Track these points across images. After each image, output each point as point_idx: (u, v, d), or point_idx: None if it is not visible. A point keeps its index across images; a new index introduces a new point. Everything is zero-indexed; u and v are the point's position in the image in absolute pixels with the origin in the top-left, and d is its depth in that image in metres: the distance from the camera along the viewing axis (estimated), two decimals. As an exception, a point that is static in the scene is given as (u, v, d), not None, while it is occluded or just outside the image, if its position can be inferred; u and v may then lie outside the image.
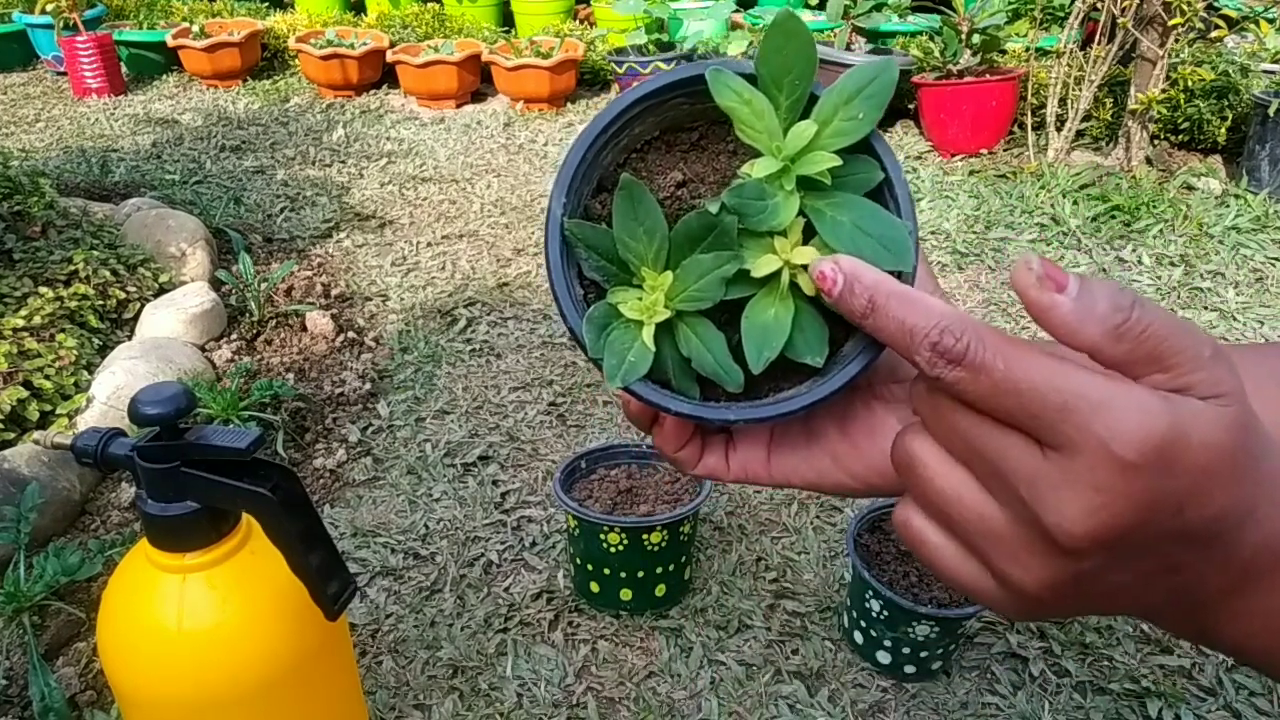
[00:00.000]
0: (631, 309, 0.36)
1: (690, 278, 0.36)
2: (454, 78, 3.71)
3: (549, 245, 0.37)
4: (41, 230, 2.05)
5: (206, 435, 0.72)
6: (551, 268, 0.37)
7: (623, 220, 0.36)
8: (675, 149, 0.40)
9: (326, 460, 1.71)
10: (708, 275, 0.35)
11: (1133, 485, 0.29)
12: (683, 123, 0.40)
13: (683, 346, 0.37)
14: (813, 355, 0.36)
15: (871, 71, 0.36)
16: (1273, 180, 2.72)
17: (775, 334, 0.36)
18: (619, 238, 0.37)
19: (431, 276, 2.41)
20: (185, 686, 0.77)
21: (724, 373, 0.37)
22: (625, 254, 0.37)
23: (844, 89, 0.36)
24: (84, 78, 3.87)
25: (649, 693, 1.26)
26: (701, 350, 0.37)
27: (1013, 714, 1.22)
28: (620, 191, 0.36)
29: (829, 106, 0.36)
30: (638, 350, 0.36)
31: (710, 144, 0.40)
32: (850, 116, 0.36)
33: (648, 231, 0.36)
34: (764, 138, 0.36)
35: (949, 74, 3.10)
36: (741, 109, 0.36)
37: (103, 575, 1.38)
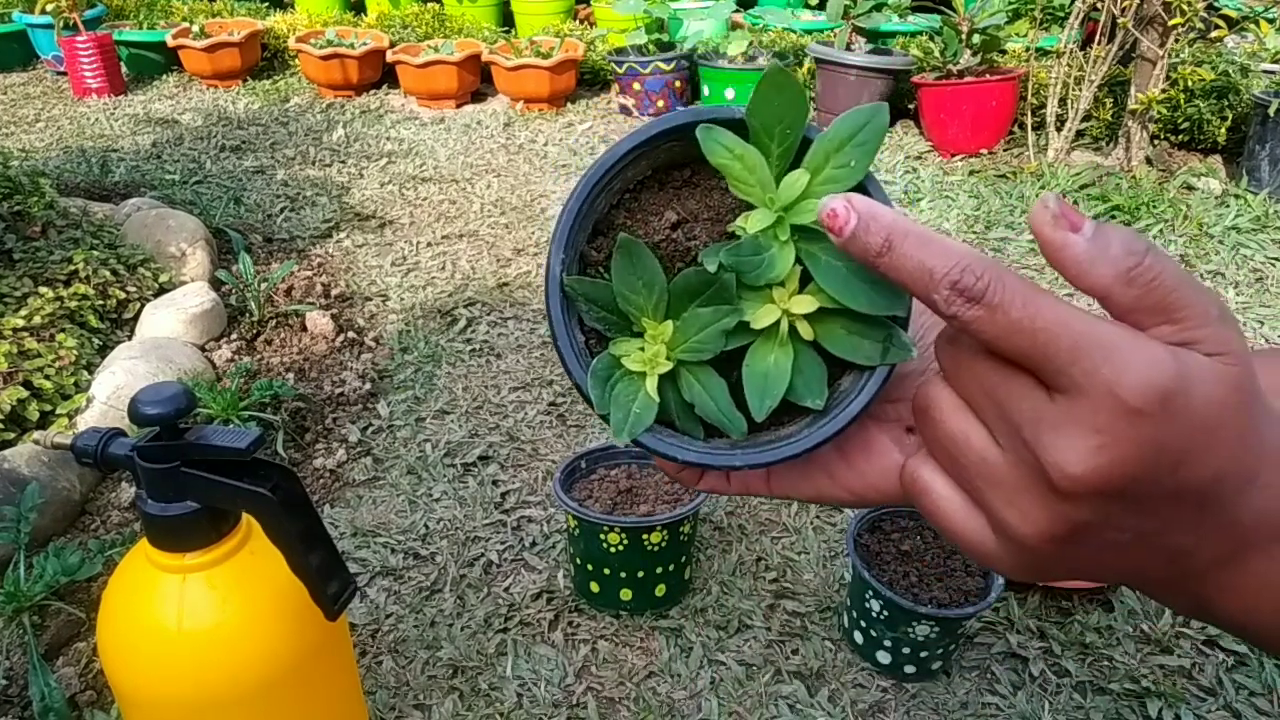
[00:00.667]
0: (634, 361, 0.37)
1: (691, 330, 0.37)
2: (454, 78, 3.71)
3: (550, 301, 0.38)
4: (41, 230, 2.05)
5: (206, 435, 0.72)
6: (554, 323, 0.38)
7: (622, 275, 0.37)
8: (668, 186, 0.41)
9: (326, 460, 1.71)
10: (708, 328, 0.36)
11: (1134, 431, 0.29)
12: (675, 161, 0.40)
13: (685, 393, 0.38)
14: (813, 398, 0.37)
15: (862, 118, 0.36)
16: (1273, 180, 2.72)
17: (776, 381, 0.37)
18: (619, 291, 0.37)
19: (431, 276, 2.41)
20: (185, 686, 0.77)
21: (727, 421, 0.38)
22: (625, 306, 0.38)
23: (835, 136, 0.36)
24: (84, 78, 3.87)
25: (649, 693, 1.26)
26: (705, 398, 0.38)
27: (1013, 714, 1.22)
28: (619, 250, 0.37)
29: (820, 154, 0.36)
30: (642, 401, 0.37)
31: (702, 180, 0.41)
32: (842, 164, 0.36)
33: (646, 285, 0.37)
34: (757, 190, 0.36)
35: (949, 74, 3.10)
36: (733, 165, 0.36)
37: (103, 575, 1.38)
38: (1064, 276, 0.31)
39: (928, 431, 0.35)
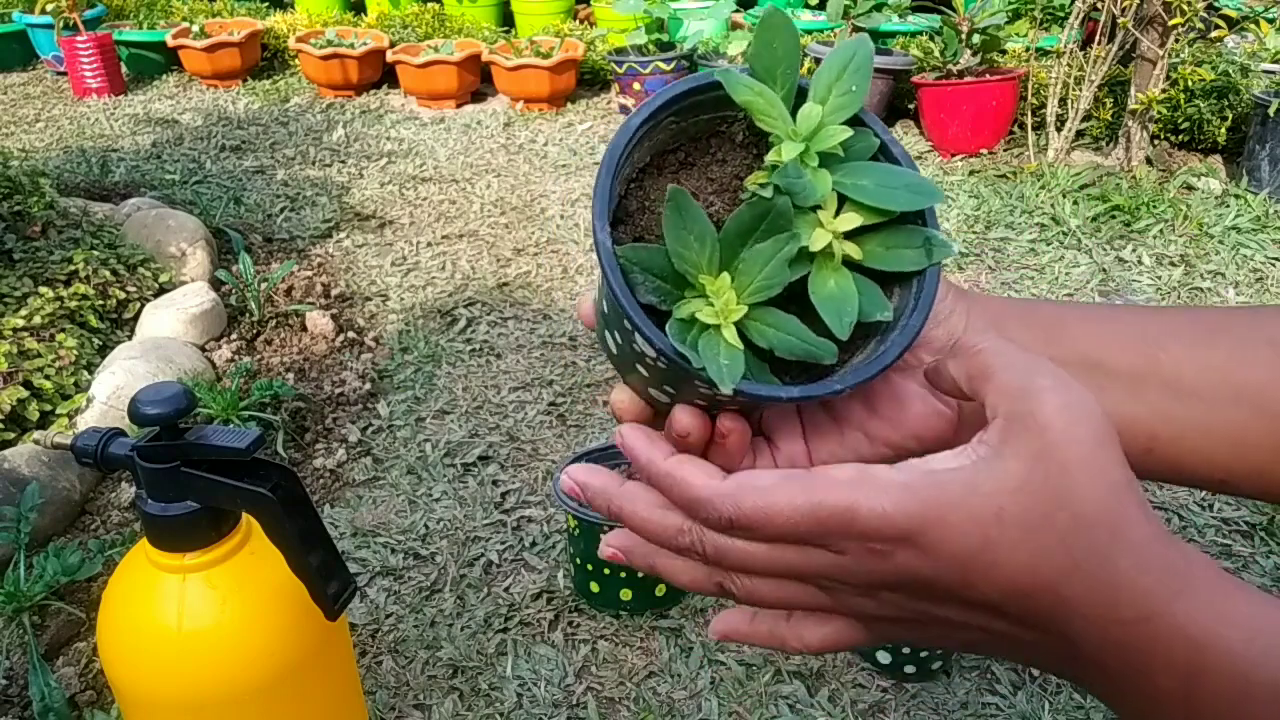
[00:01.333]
0: (708, 315, 0.37)
1: (754, 269, 0.37)
2: (454, 78, 3.71)
3: (610, 278, 0.37)
4: (41, 230, 2.05)
5: (206, 435, 0.72)
6: (621, 298, 0.37)
7: (675, 232, 0.37)
8: (665, 171, 0.41)
9: (326, 460, 1.71)
10: (771, 261, 0.36)
11: (889, 570, 0.34)
12: (667, 145, 0.41)
13: (760, 339, 0.37)
14: (881, 311, 0.38)
15: (850, 49, 0.39)
16: (1273, 180, 2.72)
17: (847, 298, 0.37)
18: (673, 251, 0.37)
19: (431, 276, 2.41)
20: (185, 686, 0.77)
21: (816, 349, 0.37)
22: (681, 266, 0.37)
23: (831, 68, 0.39)
24: (84, 78, 3.87)
25: (649, 693, 1.26)
26: (784, 337, 0.37)
27: (1013, 714, 1.22)
28: (669, 204, 0.37)
29: (823, 87, 0.39)
30: (727, 352, 0.36)
31: (697, 159, 0.41)
32: (845, 91, 0.38)
33: (698, 238, 0.37)
34: (780, 124, 0.38)
35: (949, 74, 3.10)
36: (757, 100, 0.38)
37: (103, 575, 1.38)
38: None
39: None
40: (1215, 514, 1.56)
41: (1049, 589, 0.32)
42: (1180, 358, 0.42)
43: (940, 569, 0.33)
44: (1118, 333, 0.43)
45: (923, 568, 0.33)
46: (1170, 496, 1.60)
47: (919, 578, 0.33)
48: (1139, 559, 0.32)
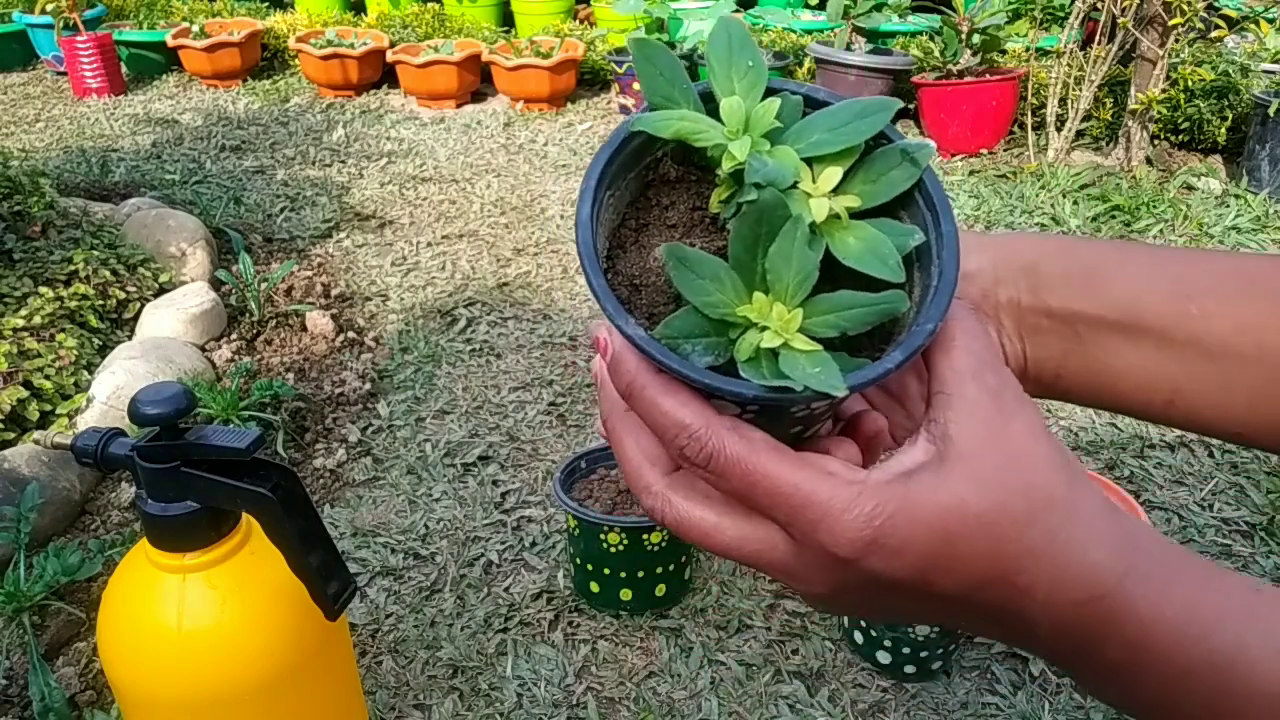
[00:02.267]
0: (770, 339, 0.34)
1: (783, 271, 0.34)
2: (454, 78, 3.71)
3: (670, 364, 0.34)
4: (41, 230, 2.05)
5: (206, 435, 0.72)
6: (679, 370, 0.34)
7: (690, 286, 0.35)
8: (628, 246, 0.39)
9: (326, 460, 1.71)
10: (794, 254, 0.34)
11: (850, 572, 0.33)
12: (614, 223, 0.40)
13: (829, 330, 0.35)
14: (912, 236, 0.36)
15: (720, 35, 0.38)
16: (1273, 180, 2.72)
17: (879, 242, 0.35)
18: (700, 304, 0.35)
19: (431, 276, 2.41)
20: (185, 686, 0.77)
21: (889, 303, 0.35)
22: (716, 313, 0.35)
23: (718, 59, 0.38)
24: (84, 78, 3.86)
25: (649, 693, 1.26)
26: (851, 311, 0.35)
27: (1013, 714, 1.22)
28: (670, 264, 0.35)
29: (723, 79, 0.38)
30: (811, 361, 0.33)
31: (648, 218, 0.40)
32: (745, 71, 0.38)
33: (713, 278, 0.35)
34: (714, 133, 0.37)
35: (949, 74, 3.10)
36: (684, 124, 0.37)
37: (103, 575, 1.38)
38: None
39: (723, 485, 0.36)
40: (1215, 514, 1.56)
41: (1006, 578, 0.33)
42: (1212, 312, 0.42)
43: (903, 571, 0.33)
44: (1155, 285, 0.43)
45: (885, 571, 0.33)
46: (1170, 497, 1.60)
47: (880, 580, 0.33)
48: (1089, 536, 0.33)
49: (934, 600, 0.34)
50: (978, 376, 0.34)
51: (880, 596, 0.35)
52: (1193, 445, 1.73)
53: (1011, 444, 0.33)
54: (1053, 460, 0.33)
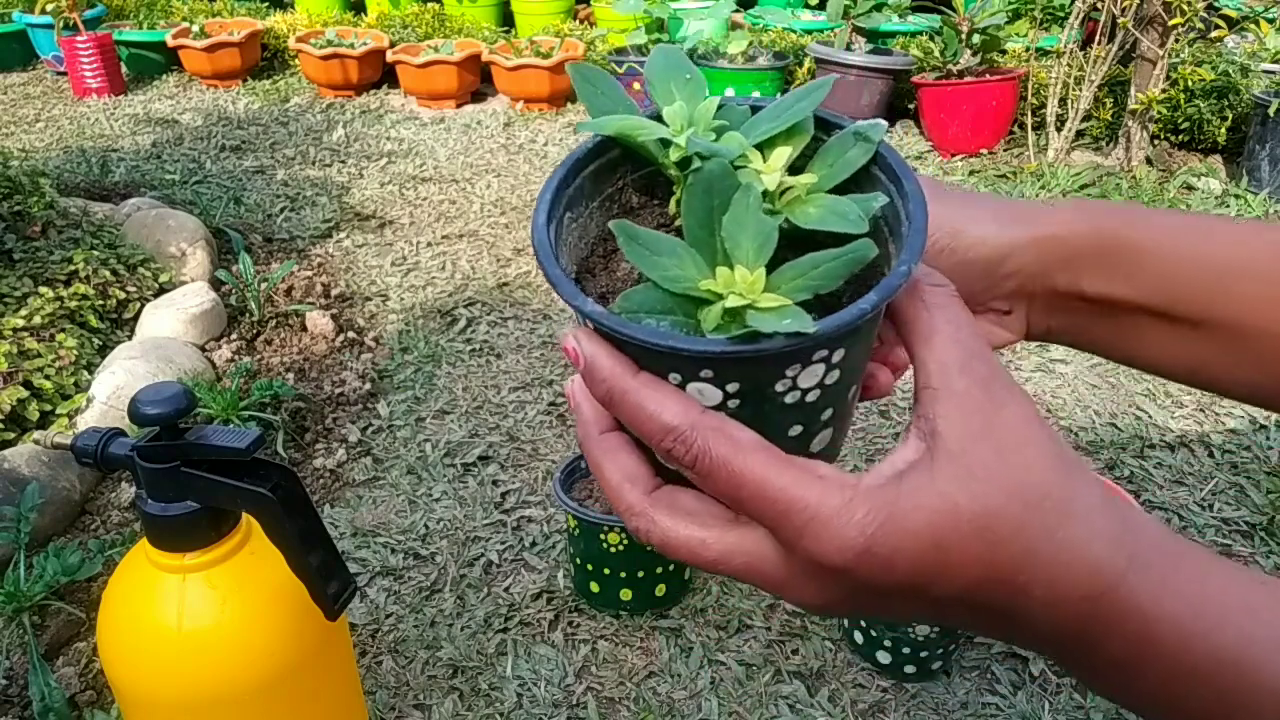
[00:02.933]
0: (735, 300, 0.33)
1: (741, 237, 0.33)
2: (454, 78, 3.71)
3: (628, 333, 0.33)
4: (41, 230, 2.05)
5: (206, 435, 0.72)
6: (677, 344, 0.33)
7: (646, 262, 0.34)
8: (597, 271, 0.39)
9: (326, 460, 1.71)
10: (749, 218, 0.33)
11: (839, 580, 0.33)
12: (583, 252, 0.40)
13: (800, 293, 0.34)
14: (874, 201, 0.35)
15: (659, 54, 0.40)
16: (1273, 180, 2.72)
17: (839, 204, 0.35)
18: (660, 279, 0.34)
19: (431, 276, 2.41)
20: (185, 686, 0.77)
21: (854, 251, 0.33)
22: (677, 286, 0.34)
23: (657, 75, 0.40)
24: (84, 78, 3.86)
25: (649, 693, 1.26)
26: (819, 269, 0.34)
27: (1013, 714, 1.22)
28: (621, 242, 0.34)
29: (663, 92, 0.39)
30: (781, 314, 0.32)
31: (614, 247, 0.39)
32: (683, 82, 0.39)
33: (670, 253, 0.34)
34: (654, 129, 0.37)
35: (949, 74, 3.10)
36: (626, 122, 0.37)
37: (103, 575, 1.38)
38: None
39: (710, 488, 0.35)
40: (1215, 514, 1.56)
41: (1003, 579, 0.32)
42: (1249, 295, 0.43)
43: (896, 578, 0.32)
44: (1194, 270, 0.43)
45: (877, 579, 0.32)
46: (1170, 497, 1.60)
47: (873, 587, 0.33)
48: (1088, 531, 0.32)
49: (930, 603, 0.33)
50: (965, 368, 0.33)
51: (874, 601, 0.34)
52: (1193, 445, 1.73)
53: (1003, 437, 0.32)
54: (1047, 451, 0.32)
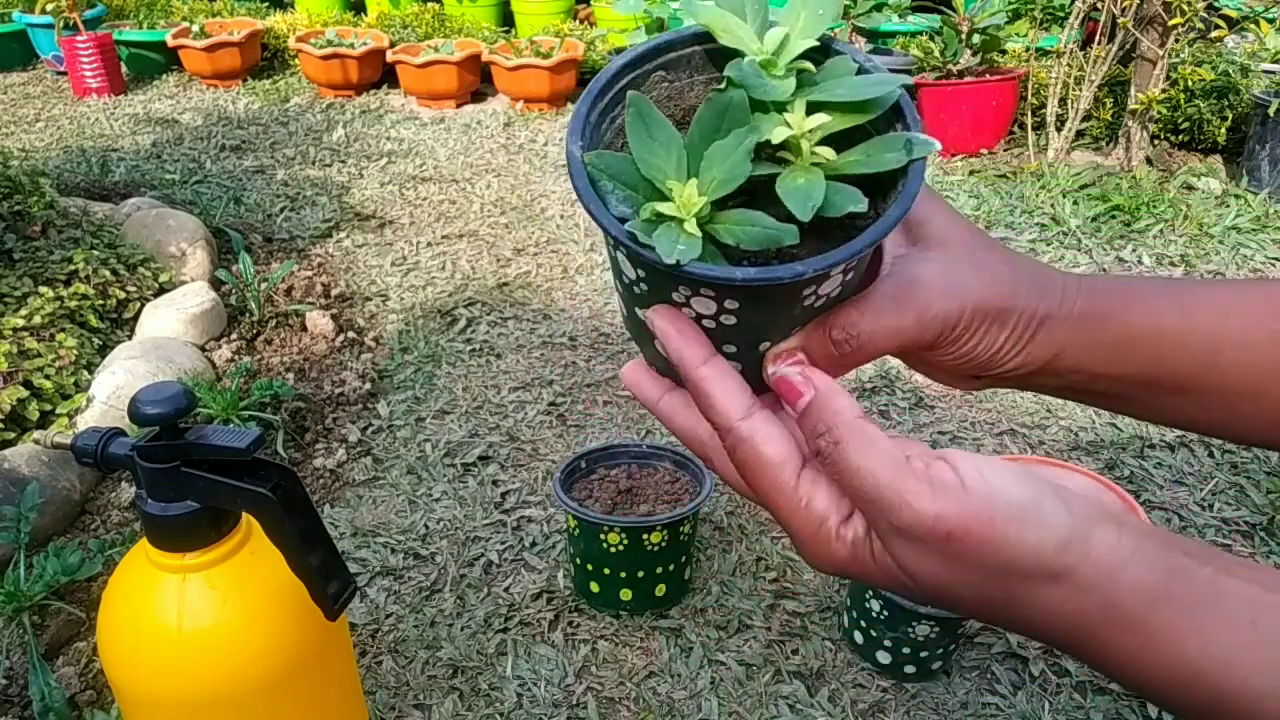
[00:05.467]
0: (670, 208, 0.36)
1: (717, 162, 0.36)
2: (454, 78, 3.71)
3: (576, 181, 0.38)
4: (41, 230, 2.05)
5: (206, 435, 0.72)
6: (583, 195, 0.37)
7: (638, 139, 0.37)
8: None
9: (326, 460, 1.71)
10: (733, 154, 0.36)
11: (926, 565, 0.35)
12: (662, 107, 0.41)
13: (726, 236, 0.37)
14: (854, 203, 0.36)
15: None
16: (1273, 180, 2.72)
17: (814, 188, 0.36)
18: (639, 158, 0.37)
19: (431, 276, 2.41)
20: (185, 686, 0.77)
21: (777, 231, 0.36)
22: (648, 172, 0.37)
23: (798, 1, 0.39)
24: (84, 77, 3.86)
25: (649, 693, 1.26)
26: (749, 228, 0.36)
27: (1013, 714, 1.22)
28: (630, 111, 0.37)
29: (791, 13, 0.39)
30: (685, 239, 0.36)
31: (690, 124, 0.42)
32: (813, 14, 0.39)
33: (664, 145, 0.37)
34: (745, 39, 0.38)
35: (949, 74, 3.10)
36: (718, 19, 0.38)
37: (103, 575, 1.38)
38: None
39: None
40: (1215, 514, 1.56)
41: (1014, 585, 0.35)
42: (1240, 362, 0.43)
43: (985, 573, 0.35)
44: (1186, 344, 0.44)
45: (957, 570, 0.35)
46: (1170, 497, 1.60)
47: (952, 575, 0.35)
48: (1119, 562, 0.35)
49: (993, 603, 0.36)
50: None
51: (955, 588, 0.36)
52: (1193, 445, 1.73)
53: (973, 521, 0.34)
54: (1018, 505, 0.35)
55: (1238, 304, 0.44)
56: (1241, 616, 0.33)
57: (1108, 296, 0.44)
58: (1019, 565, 0.34)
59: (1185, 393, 0.44)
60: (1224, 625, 0.33)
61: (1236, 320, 0.44)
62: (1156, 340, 0.44)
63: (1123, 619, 0.34)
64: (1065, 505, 0.34)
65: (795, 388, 0.38)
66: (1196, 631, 0.33)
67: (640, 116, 0.37)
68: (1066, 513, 0.34)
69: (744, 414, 0.38)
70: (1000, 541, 0.33)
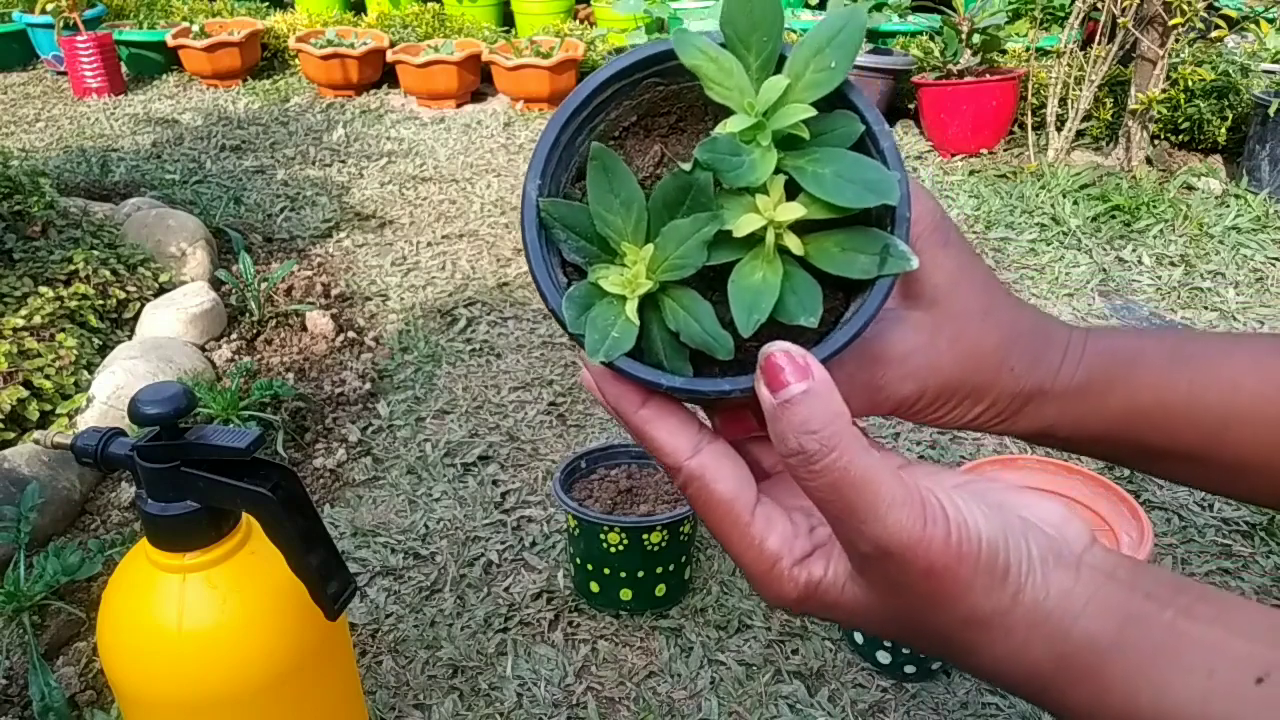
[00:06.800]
0: (613, 284, 0.34)
1: (670, 245, 0.34)
2: (454, 77, 3.71)
3: (525, 228, 0.35)
4: (41, 230, 2.05)
5: (206, 435, 0.72)
6: (529, 249, 0.35)
7: (598, 193, 0.35)
8: (653, 134, 0.39)
9: (326, 460, 1.71)
10: (688, 240, 0.34)
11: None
12: (658, 108, 0.39)
13: (669, 320, 0.35)
14: (806, 315, 0.34)
15: (840, 20, 0.35)
16: (1273, 180, 2.72)
17: (764, 295, 0.34)
18: (595, 212, 0.35)
19: (431, 276, 2.41)
20: (185, 686, 0.77)
21: (713, 340, 0.34)
22: (604, 229, 0.35)
23: (814, 40, 0.35)
24: (84, 77, 3.86)
25: (649, 693, 1.26)
26: (688, 320, 0.34)
27: (1013, 714, 1.22)
28: (593, 162, 0.34)
29: (800, 60, 0.35)
30: (622, 326, 0.34)
31: (689, 125, 0.39)
32: (823, 67, 0.34)
33: (624, 203, 0.35)
34: (734, 94, 0.34)
35: (949, 74, 3.10)
36: (708, 66, 0.34)
37: (103, 575, 1.38)
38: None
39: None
40: (1215, 514, 1.56)
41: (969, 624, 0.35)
42: (1246, 439, 0.42)
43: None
44: (1190, 425, 0.42)
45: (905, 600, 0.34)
46: (1170, 497, 1.60)
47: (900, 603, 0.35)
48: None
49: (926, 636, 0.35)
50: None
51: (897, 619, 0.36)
52: (1193, 445, 1.73)
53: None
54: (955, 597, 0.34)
55: (1250, 376, 0.42)
56: (1199, 666, 0.32)
57: (1111, 366, 0.42)
58: (978, 613, 0.33)
59: (1190, 462, 0.43)
60: (1179, 676, 0.32)
61: (1247, 395, 0.42)
62: (1163, 415, 0.42)
63: (1075, 671, 0.33)
64: (1026, 547, 0.33)
65: (787, 374, 0.32)
66: (1151, 683, 0.32)
67: (604, 170, 0.34)
68: (1026, 558, 0.33)
69: (691, 451, 0.35)
70: (967, 585, 0.32)
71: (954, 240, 0.40)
